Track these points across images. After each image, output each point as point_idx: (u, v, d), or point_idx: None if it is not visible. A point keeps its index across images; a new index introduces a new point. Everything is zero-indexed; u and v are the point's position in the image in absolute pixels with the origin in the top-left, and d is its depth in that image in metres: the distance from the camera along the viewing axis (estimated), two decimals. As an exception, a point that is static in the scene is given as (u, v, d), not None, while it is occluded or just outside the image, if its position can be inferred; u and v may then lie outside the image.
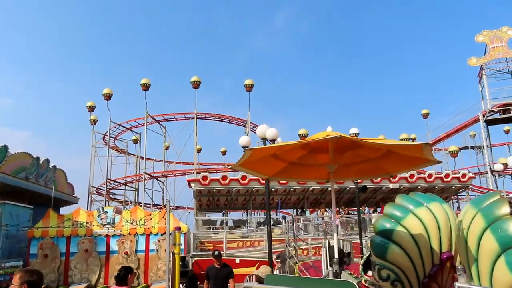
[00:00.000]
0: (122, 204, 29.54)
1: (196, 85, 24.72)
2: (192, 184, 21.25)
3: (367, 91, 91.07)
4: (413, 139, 34.36)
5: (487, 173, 30.77)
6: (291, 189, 22.48)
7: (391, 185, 23.46)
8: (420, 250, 5.77)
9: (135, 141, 35.44)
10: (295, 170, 5.09)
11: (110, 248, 16.35)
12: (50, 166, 21.49)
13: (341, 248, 4.63)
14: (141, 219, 15.30)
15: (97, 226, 16.47)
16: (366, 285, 6.80)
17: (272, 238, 19.36)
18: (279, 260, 12.43)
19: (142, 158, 28.13)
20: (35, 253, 15.71)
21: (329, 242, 4.70)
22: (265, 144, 9.54)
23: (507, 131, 38.05)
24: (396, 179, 23.45)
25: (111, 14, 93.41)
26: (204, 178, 21.10)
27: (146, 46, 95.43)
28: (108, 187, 27.17)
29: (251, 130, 27.28)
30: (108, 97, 26.04)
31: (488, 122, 31.73)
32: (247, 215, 26.43)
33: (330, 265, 4.51)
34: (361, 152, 4.61)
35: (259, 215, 27.11)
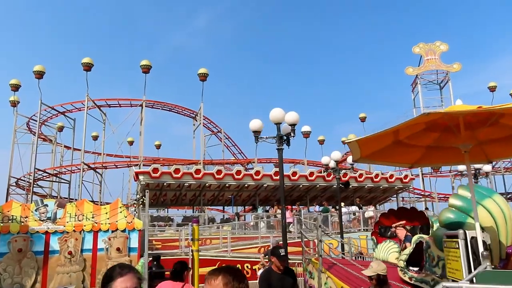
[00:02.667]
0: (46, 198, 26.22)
1: (147, 69, 22.70)
2: (141, 177, 19.44)
3: (300, 94, 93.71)
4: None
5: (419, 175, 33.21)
6: (245, 185, 21.71)
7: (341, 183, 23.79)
8: (490, 244, 5.35)
9: (60, 129, 31.88)
10: (433, 154, 4.45)
11: (50, 248, 14.08)
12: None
13: (483, 239, 3.94)
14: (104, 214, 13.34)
15: (35, 221, 14.08)
16: (413, 282, 6.27)
17: (223, 236, 18.61)
18: (267, 260, 11.56)
19: (77, 149, 25.15)
20: (-49, 254, 12.96)
21: (466, 233, 3.97)
22: (279, 131, 8.62)
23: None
24: (346, 178, 23.86)
25: None
26: (155, 170, 19.41)
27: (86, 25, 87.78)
28: (31, 179, 23.85)
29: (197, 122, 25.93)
30: (39, 75, 22.77)
31: (420, 128, 34.04)
32: (193, 212, 25.06)
33: (474, 260, 3.79)
34: (488, 130, 3.93)
35: (205, 213, 25.87)
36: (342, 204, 24.97)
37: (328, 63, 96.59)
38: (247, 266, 16.52)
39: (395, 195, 28.28)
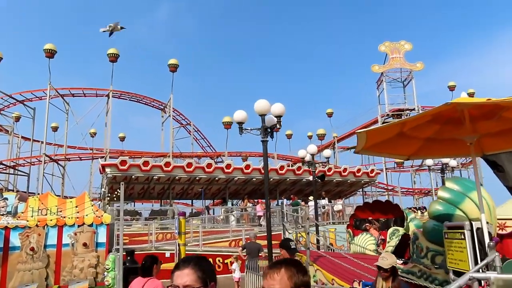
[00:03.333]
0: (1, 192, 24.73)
1: (114, 58, 21.80)
2: (108, 169, 18.72)
3: (266, 87, 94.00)
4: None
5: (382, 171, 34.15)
6: (216, 178, 21.43)
7: (311, 177, 24.02)
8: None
9: (17, 119, 30.18)
10: (430, 146, 4.45)
11: (10, 244, 13.29)
12: None
13: (489, 230, 3.97)
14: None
15: (-7, 216, 13.20)
16: (399, 273, 6.36)
17: (194, 230, 18.33)
18: (245, 253, 11.40)
19: (36, 140, 23.80)
20: None
21: (472, 224, 3.99)
22: (264, 122, 8.46)
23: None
24: (316, 171, 24.11)
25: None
26: (123, 163, 18.75)
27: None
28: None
29: (168, 114, 25.31)
30: (-4, 60, 21.33)
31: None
32: (160, 206, 24.52)
33: (480, 251, 3.82)
34: (489, 123, 3.98)
35: (173, 206, 25.37)
36: (311, 198, 25.33)
37: (294, 58, 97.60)
38: (219, 260, 16.37)
39: (361, 189, 29.01)
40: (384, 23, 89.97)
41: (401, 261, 6.20)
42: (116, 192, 12.95)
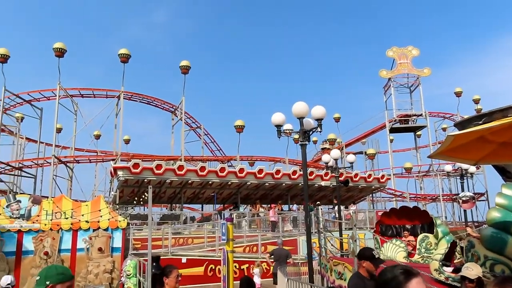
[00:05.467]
0: (5, 195, 24.16)
1: (125, 58, 21.37)
2: (120, 172, 18.28)
3: (274, 91, 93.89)
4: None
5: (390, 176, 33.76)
6: (228, 182, 21.00)
7: (323, 183, 23.60)
8: None
9: (21, 119, 29.65)
10: (504, 150, 4.07)
11: (23, 248, 12.81)
12: None
13: None
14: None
15: (6, 219, 12.71)
16: (449, 282, 5.97)
17: (207, 235, 17.88)
18: (272, 260, 11.01)
19: (41, 142, 23.25)
20: None
21: None
22: (302, 125, 8.13)
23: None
24: (328, 177, 23.73)
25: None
26: (135, 166, 18.32)
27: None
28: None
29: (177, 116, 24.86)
30: (3, 59, 20.83)
31: (392, 130, 34.85)
32: (171, 210, 24.02)
33: None
34: None
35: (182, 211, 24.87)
36: (318, 203, 24.93)
37: (301, 61, 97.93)
38: (235, 266, 15.86)
39: (370, 195, 28.65)
40: (391, 29, 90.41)
41: (451, 269, 5.85)
42: (143, 196, 12.50)
